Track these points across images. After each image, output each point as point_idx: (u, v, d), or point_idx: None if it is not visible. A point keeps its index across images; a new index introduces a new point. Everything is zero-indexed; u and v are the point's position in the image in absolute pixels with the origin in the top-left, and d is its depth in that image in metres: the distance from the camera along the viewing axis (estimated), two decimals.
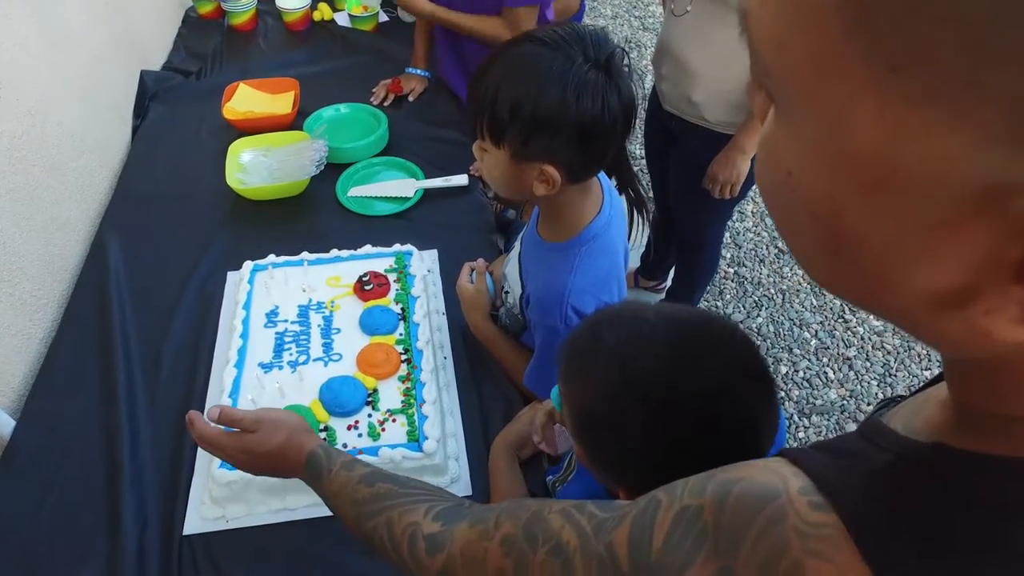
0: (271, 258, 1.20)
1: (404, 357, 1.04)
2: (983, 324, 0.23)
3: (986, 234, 0.21)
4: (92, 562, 0.87)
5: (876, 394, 2.05)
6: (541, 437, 0.84)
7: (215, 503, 0.91)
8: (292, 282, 1.16)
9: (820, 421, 1.96)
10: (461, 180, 1.42)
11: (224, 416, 0.73)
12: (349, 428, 0.96)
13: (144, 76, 1.68)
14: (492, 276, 1.10)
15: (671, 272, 2.18)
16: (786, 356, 2.10)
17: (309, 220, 1.36)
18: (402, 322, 1.10)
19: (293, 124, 1.54)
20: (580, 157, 0.78)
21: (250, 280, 1.16)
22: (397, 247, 1.22)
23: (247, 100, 1.59)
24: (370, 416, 0.97)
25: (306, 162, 1.37)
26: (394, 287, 1.15)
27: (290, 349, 1.06)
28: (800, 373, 2.07)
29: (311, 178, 1.37)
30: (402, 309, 1.11)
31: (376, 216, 1.36)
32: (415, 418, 0.96)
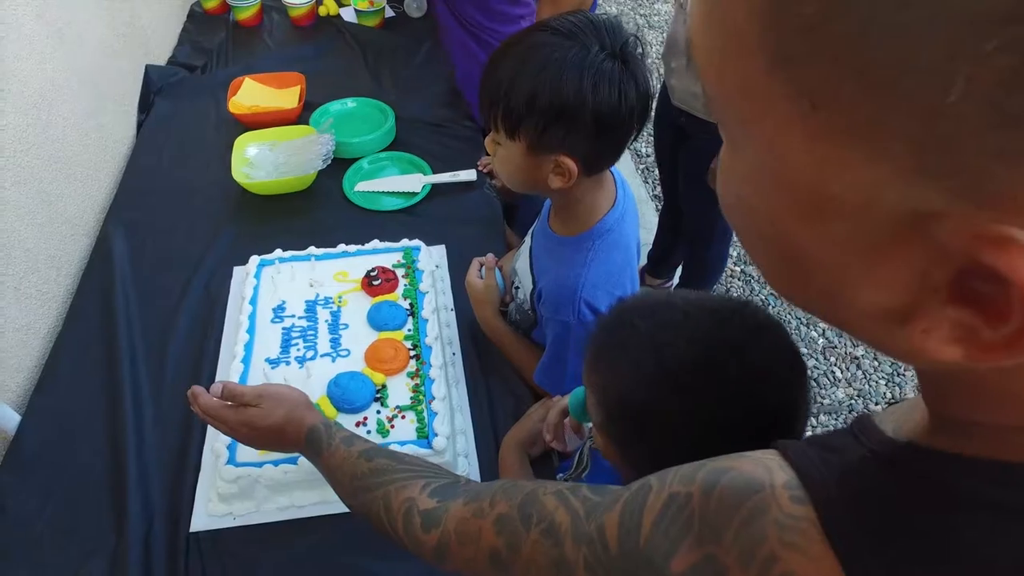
0: (278, 253, 1.19)
1: (413, 353, 1.03)
2: (920, 342, 0.24)
3: (916, 258, 0.22)
4: (98, 558, 0.86)
5: (884, 393, 2.03)
6: (553, 434, 0.83)
7: (222, 500, 0.90)
8: (299, 277, 1.15)
9: (828, 420, 1.95)
10: (469, 175, 1.41)
11: (227, 391, 0.75)
12: (357, 424, 0.95)
13: (149, 71, 1.67)
14: (501, 271, 1.09)
15: (678, 270, 2.17)
16: None
17: (316, 215, 1.35)
18: (411, 318, 1.08)
19: (299, 119, 1.52)
20: (597, 148, 0.77)
21: (256, 275, 1.15)
22: (405, 242, 1.21)
23: (253, 94, 1.58)
24: (379, 412, 0.96)
25: (313, 156, 1.36)
26: (402, 282, 1.14)
27: (297, 344, 1.05)
28: (808, 372, 2.06)
29: (318, 173, 1.36)
30: (410, 305, 1.10)
31: (383, 211, 1.35)
32: (424, 415, 0.95)
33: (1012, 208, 0.20)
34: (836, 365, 2.11)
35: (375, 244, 1.21)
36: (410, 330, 1.07)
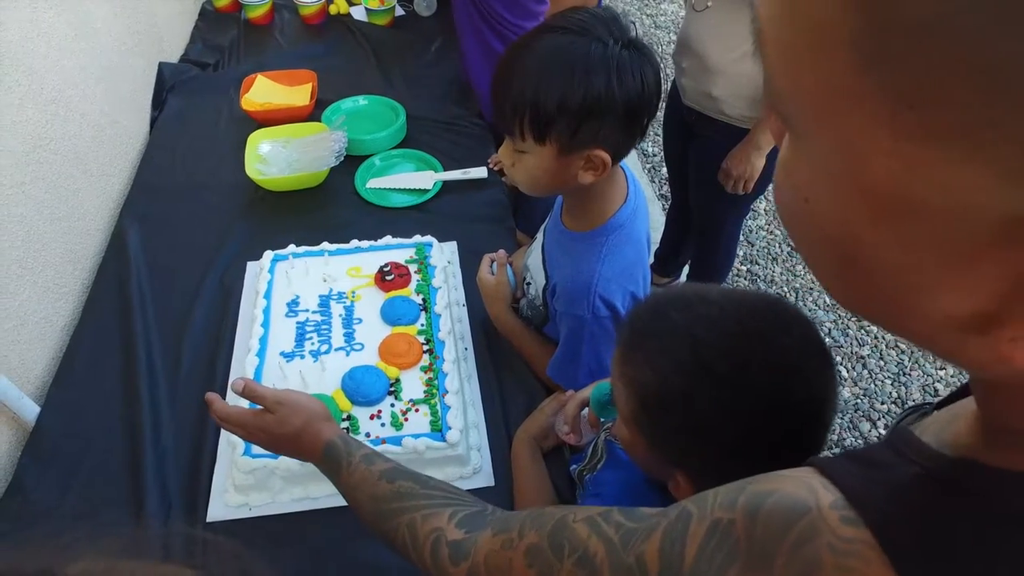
0: (291, 248, 1.20)
1: (426, 348, 1.04)
2: (1006, 351, 0.22)
3: (1009, 265, 0.21)
4: None
5: (890, 393, 2.04)
6: (570, 427, 0.84)
7: (238, 491, 0.92)
8: (313, 272, 1.16)
9: (834, 419, 1.96)
10: (480, 172, 1.42)
11: (248, 389, 0.74)
12: (372, 417, 0.96)
13: (162, 68, 1.68)
14: (512, 267, 1.10)
15: (685, 268, 2.17)
16: None
17: (328, 211, 1.36)
18: (423, 312, 1.10)
19: (311, 116, 1.54)
20: (625, 135, 0.78)
21: (271, 270, 1.16)
22: (417, 238, 1.22)
23: (265, 92, 1.59)
24: (393, 406, 0.97)
25: (325, 153, 1.37)
26: (415, 278, 1.15)
27: (311, 338, 1.06)
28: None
29: (330, 170, 1.37)
30: (423, 300, 1.11)
31: (395, 208, 1.36)
32: (438, 408, 0.96)
33: None
34: (842, 364, 2.11)
35: (387, 240, 1.22)
36: (423, 325, 1.08)
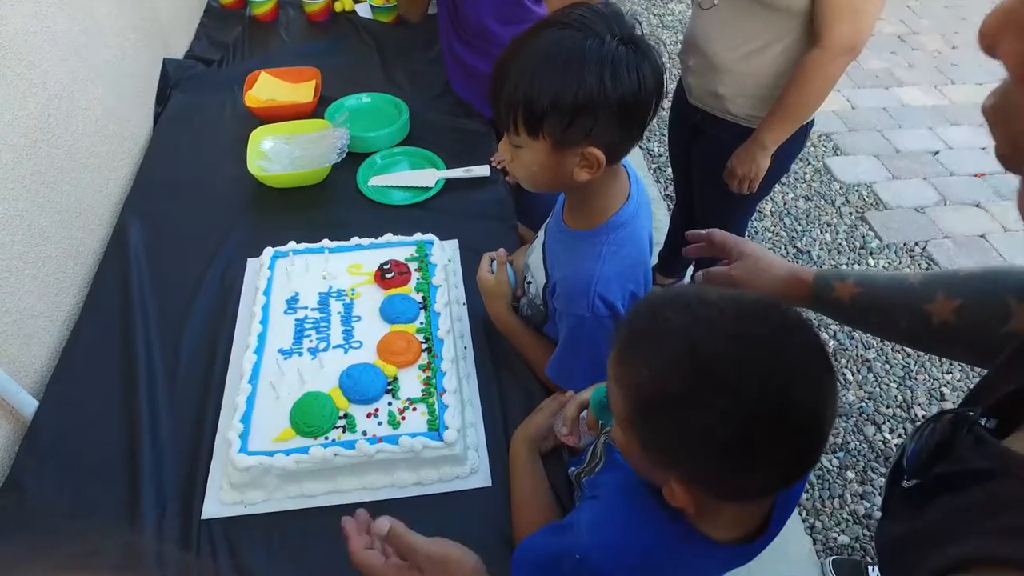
0: (291, 245, 1.20)
1: (425, 346, 1.04)
2: None
3: None
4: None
5: (895, 397, 2.02)
6: (569, 429, 0.82)
7: (234, 488, 0.91)
8: (312, 269, 1.16)
9: (838, 423, 1.94)
10: (482, 171, 1.41)
11: (394, 535, 0.67)
12: (369, 416, 0.95)
13: (167, 64, 1.68)
14: (513, 266, 1.09)
15: (689, 269, 2.16)
16: None
17: (330, 208, 1.36)
18: (423, 311, 1.09)
19: (314, 113, 1.54)
20: (620, 133, 0.77)
21: (270, 266, 1.16)
22: (418, 236, 1.22)
23: (269, 88, 1.59)
24: (390, 404, 0.97)
25: (328, 150, 1.37)
26: (415, 276, 1.14)
27: (310, 336, 1.06)
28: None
29: (332, 167, 1.37)
30: (423, 298, 1.11)
31: (396, 205, 1.36)
32: (435, 407, 0.95)
33: None
34: (847, 368, 2.10)
35: (388, 237, 1.22)
36: (422, 323, 1.07)
